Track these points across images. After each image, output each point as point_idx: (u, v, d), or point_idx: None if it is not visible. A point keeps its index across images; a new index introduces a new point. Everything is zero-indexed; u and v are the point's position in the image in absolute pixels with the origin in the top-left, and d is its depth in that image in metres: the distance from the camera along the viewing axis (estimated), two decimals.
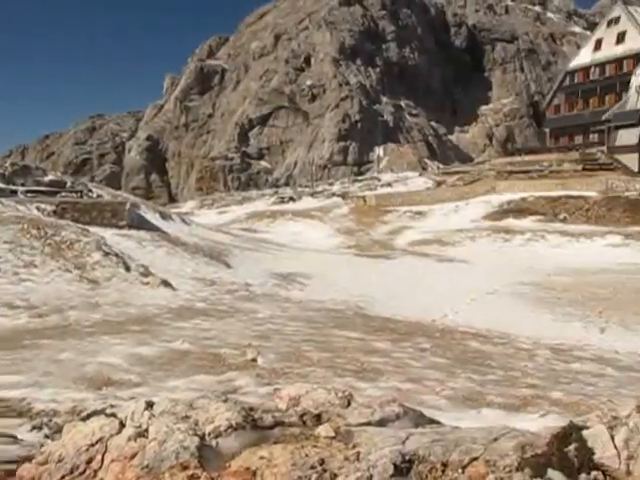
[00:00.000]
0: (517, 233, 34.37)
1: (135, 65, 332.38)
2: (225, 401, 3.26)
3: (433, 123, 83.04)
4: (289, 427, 3.13)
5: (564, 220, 36.64)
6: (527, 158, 52.54)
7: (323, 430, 3.04)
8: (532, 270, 25.48)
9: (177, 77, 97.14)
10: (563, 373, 7.81)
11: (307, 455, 2.74)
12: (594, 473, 2.71)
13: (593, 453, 2.77)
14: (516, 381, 6.92)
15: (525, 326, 14.66)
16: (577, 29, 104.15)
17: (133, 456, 2.93)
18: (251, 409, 3.20)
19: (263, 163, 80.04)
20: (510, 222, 37.31)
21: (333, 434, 3.01)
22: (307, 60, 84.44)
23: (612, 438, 2.78)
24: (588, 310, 17.19)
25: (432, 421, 3.54)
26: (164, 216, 28.52)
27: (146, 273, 15.86)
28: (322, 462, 2.70)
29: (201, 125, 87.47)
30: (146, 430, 3.07)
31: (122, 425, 3.19)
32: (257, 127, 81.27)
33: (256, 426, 3.05)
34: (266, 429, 3.06)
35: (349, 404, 3.49)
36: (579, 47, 68.86)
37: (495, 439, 2.92)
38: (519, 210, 39.02)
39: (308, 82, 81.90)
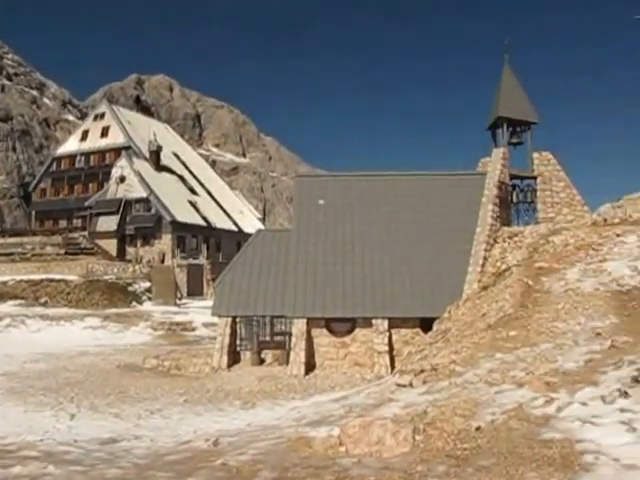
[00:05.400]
0: None
1: None
2: None
3: None
4: None
5: (45, 304, 36.41)
6: (11, 240, 50.72)
7: None
8: (8, 358, 24.35)
9: None
10: None
11: None
12: None
13: None
14: None
15: None
16: (71, 117, 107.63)
17: None
18: None
19: None
20: None
21: None
22: None
23: None
24: (61, 397, 17.26)
25: None
26: None
27: None
28: None
29: None
30: None
31: None
32: None
33: None
34: None
35: None
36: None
37: None
38: None
39: None
